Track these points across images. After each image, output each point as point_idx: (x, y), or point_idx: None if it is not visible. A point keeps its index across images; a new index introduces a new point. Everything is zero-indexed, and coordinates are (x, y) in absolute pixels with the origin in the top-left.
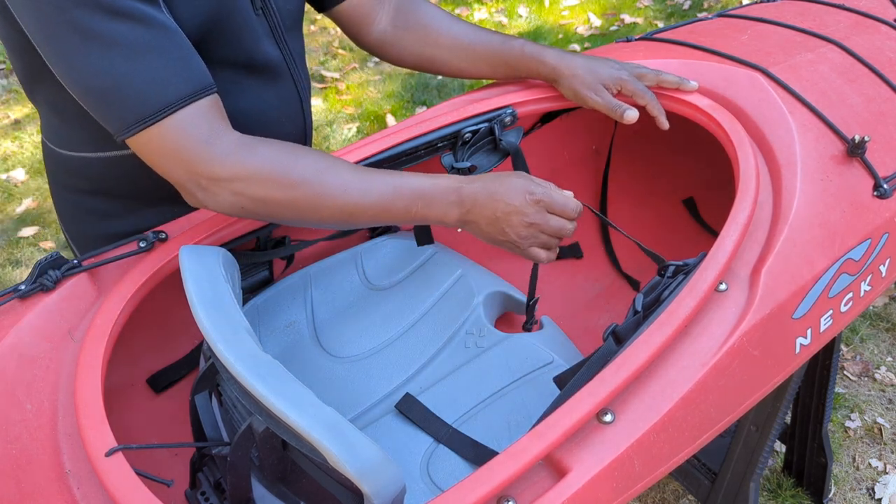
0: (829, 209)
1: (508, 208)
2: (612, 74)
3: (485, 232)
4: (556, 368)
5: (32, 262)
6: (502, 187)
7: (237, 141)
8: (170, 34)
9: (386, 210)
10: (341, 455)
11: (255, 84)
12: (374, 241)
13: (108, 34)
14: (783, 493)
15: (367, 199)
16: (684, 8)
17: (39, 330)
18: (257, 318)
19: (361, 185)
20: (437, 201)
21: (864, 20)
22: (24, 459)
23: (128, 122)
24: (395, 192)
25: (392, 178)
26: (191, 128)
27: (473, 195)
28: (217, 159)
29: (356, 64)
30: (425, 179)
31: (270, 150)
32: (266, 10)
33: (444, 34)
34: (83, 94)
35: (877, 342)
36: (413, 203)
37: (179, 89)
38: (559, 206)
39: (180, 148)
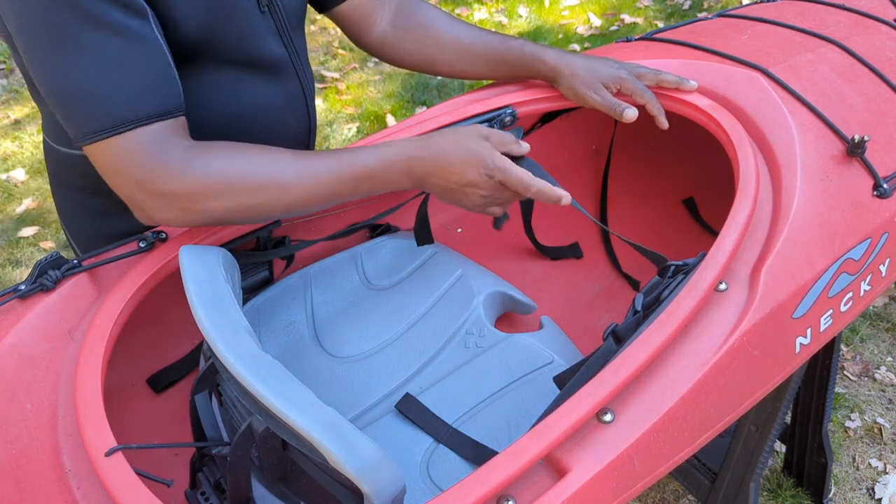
0: (829, 209)
1: (463, 181)
2: (611, 73)
3: (441, 196)
4: (556, 368)
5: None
6: (456, 157)
7: (182, 154)
8: (147, 50)
9: (335, 194)
10: (341, 455)
11: (259, 82)
12: (374, 241)
13: (82, 41)
14: (783, 493)
15: (312, 189)
16: (684, 8)
17: (39, 330)
18: (257, 318)
19: (306, 175)
20: (385, 177)
21: (864, 20)
22: (24, 459)
23: (85, 130)
24: (341, 174)
25: (337, 161)
26: (144, 147)
27: (424, 167)
28: (162, 179)
29: (356, 64)
30: (371, 154)
31: (212, 159)
32: (272, 7)
33: (444, 35)
34: (49, 94)
35: (877, 342)
36: (361, 182)
37: (141, 107)
38: (514, 182)
39: (130, 165)
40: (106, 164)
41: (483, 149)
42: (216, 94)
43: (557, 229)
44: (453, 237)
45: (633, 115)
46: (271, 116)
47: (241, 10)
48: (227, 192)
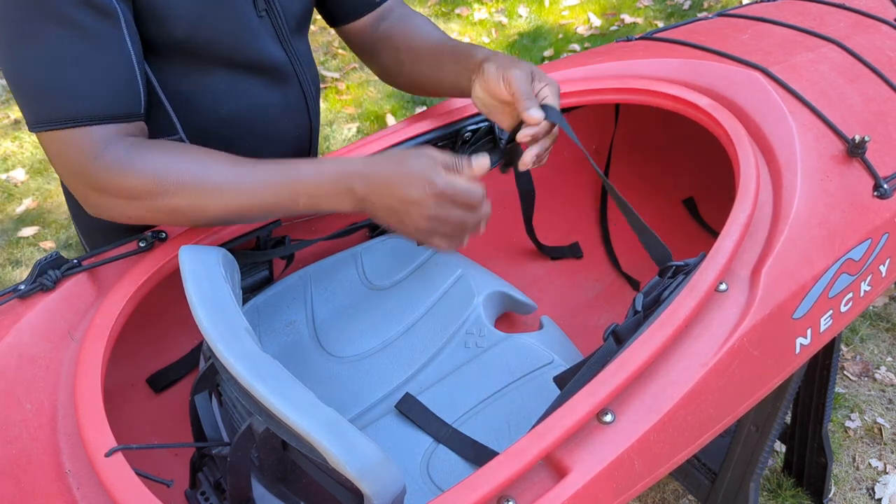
0: (829, 209)
1: (407, 198)
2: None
3: (382, 219)
4: (556, 368)
5: (32, 262)
6: (400, 175)
7: (122, 151)
8: (107, 52)
9: (272, 205)
10: (341, 455)
11: (256, 85)
12: (374, 240)
13: (43, 36)
14: (783, 493)
15: (249, 196)
16: (684, 8)
17: (39, 330)
18: (257, 318)
19: (243, 182)
20: (324, 192)
21: (864, 20)
22: (24, 459)
23: (34, 119)
24: (280, 185)
25: (277, 172)
26: (86, 144)
27: (367, 184)
28: (100, 176)
29: (356, 64)
30: (312, 167)
31: (151, 156)
32: (270, 11)
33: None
34: (8, 82)
35: (877, 342)
36: (299, 196)
37: (89, 107)
38: (462, 197)
39: (69, 159)
40: (50, 154)
41: (428, 167)
42: (209, 95)
43: (558, 229)
44: None
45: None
46: (267, 120)
47: (237, 13)
48: (161, 191)
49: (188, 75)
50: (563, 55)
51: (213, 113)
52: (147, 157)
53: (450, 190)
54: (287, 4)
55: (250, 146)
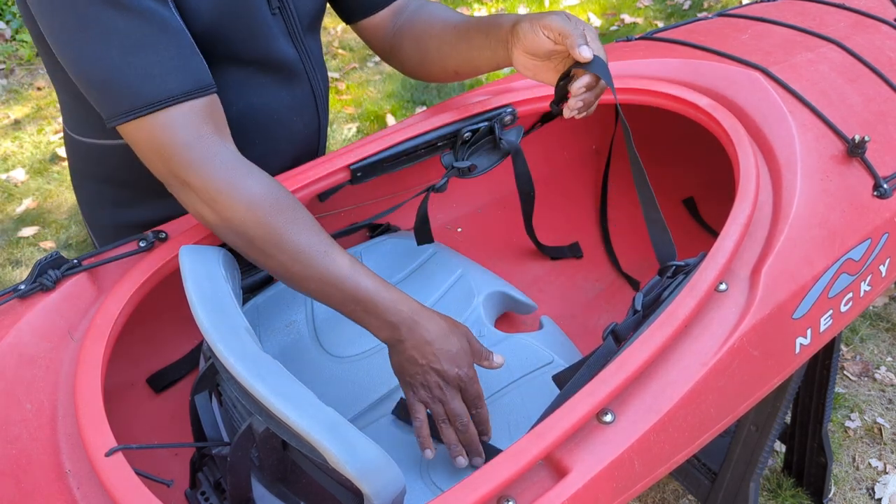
0: (829, 209)
1: (435, 364)
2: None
3: (396, 363)
4: (556, 368)
5: (32, 262)
6: (443, 343)
7: (217, 155)
8: (170, 31)
9: (324, 294)
10: (341, 455)
11: (269, 82)
12: (374, 240)
13: (106, 24)
14: (783, 493)
15: (313, 275)
16: (684, 8)
17: (39, 329)
18: (257, 318)
19: (316, 260)
20: (374, 315)
21: (864, 20)
22: (24, 459)
23: (117, 112)
24: (342, 282)
25: (348, 269)
26: (176, 127)
27: (411, 332)
28: (193, 167)
29: (356, 64)
30: (377, 286)
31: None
32: (283, 10)
33: (437, 24)
34: (79, 79)
35: (877, 342)
36: (351, 303)
37: (171, 86)
38: (472, 393)
39: (162, 145)
40: (138, 143)
41: (466, 351)
42: (223, 92)
43: (558, 229)
44: (453, 237)
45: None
46: (278, 116)
47: (253, 11)
48: (245, 217)
49: None
50: None
51: (226, 110)
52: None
53: (469, 382)
54: (300, 3)
55: (260, 143)
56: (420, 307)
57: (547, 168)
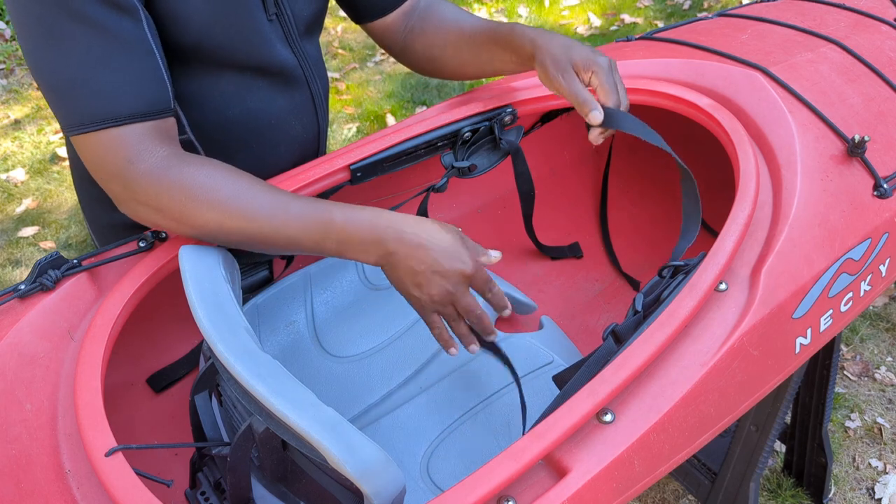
0: (829, 209)
1: (436, 267)
2: (586, 56)
3: (396, 279)
4: (556, 368)
5: (32, 262)
6: (436, 243)
7: (157, 161)
8: (134, 50)
9: (299, 241)
10: (341, 455)
11: (266, 87)
12: None
13: (69, 37)
14: (783, 493)
15: (278, 228)
16: (684, 8)
17: (39, 329)
18: (257, 318)
19: (275, 212)
20: (355, 240)
21: (864, 20)
22: (23, 459)
23: (70, 122)
24: (311, 223)
25: (311, 208)
26: (123, 144)
27: (400, 241)
28: (136, 183)
29: (356, 64)
30: (346, 212)
31: (187, 171)
32: (280, 15)
33: (452, 28)
34: (40, 85)
35: (877, 342)
36: (327, 238)
37: (123, 106)
38: (480, 284)
39: (107, 160)
40: (86, 156)
41: (461, 246)
42: (218, 97)
43: (558, 229)
44: None
45: (597, 118)
46: (275, 122)
47: (248, 17)
48: (193, 207)
49: (198, 77)
50: None
51: (222, 114)
52: (184, 172)
53: (475, 272)
54: (297, 8)
55: (258, 147)
56: (400, 216)
57: (547, 168)
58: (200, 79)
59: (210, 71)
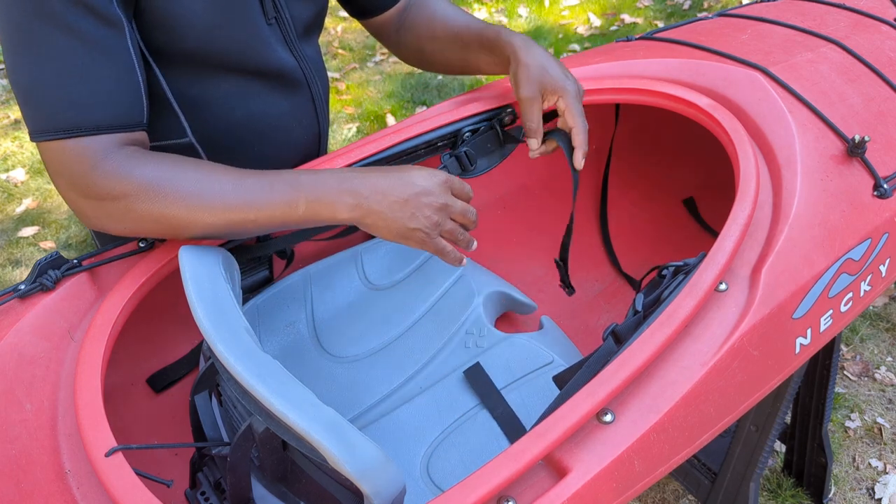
0: (829, 209)
1: (417, 188)
2: (557, 80)
3: (389, 220)
4: (556, 368)
5: (32, 262)
6: (403, 171)
7: (121, 159)
8: (112, 63)
9: (270, 213)
10: (341, 455)
11: (267, 90)
12: (374, 240)
13: (47, 43)
14: (783, 493)
15: (247, 204)
16: (684, 8)
17: (39, 330)
18: (257, 318)
19: (242, 190)
20: (326, 197)
21: (864, 20)
22: (23, 459)
23: (36, 128)
24: (279, 191)
25: (276, 177)
26: (87, 155)
27: (371, 187)
28: (97, 184)
29: (356, 64)
30: (312, 174)
31: (149, 163)
32: (279, 19)
33: (439, 25)
34: (13, 88)
35: (877, 342)
36: (298, 201)
37: (92, 117)
38: (458, 188)
39: (69, 169)
40: (51, 162)
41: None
42: (219, 100)
43: (558, 230)
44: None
45: (533, 149)
46: (277, 124)
47: (247, 22)
48: (157, 196)
49: (199, 81)
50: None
51: (223, 117)
52: (145, 164)
53: (449, 179)
54: (296, 11)
55: (259, 150)
56: (363, 168)
57: (547, 168)
58: (202, 83)
59: (211, 75)
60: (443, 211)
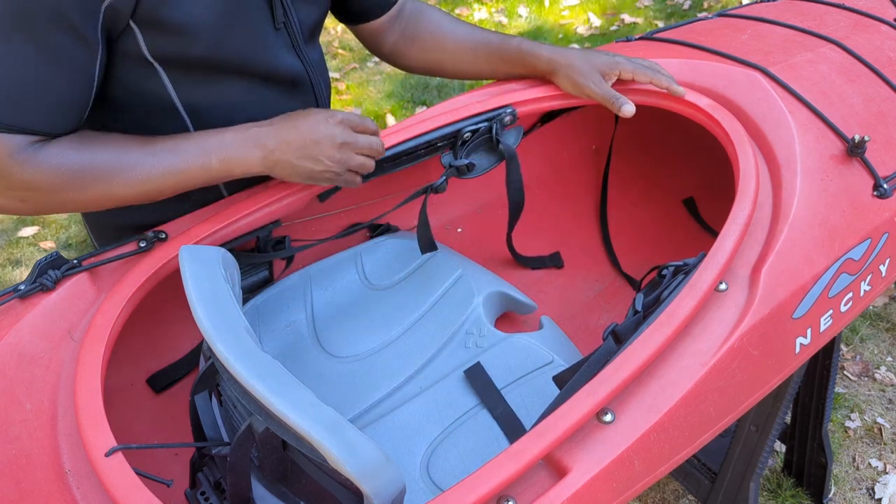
0: (829, 209)
1: (317, 133)
2: (606, 60)
3: (296, 166)
4: (556, 368)
5: (32, 262)
6: (302, 118)
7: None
8: (75, 80)
9: (186, 177)
10: (341, 455)
11: (274, 94)
12: (374, 240)
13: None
14: (783, 493)
15: (161, 167)
16: (684, 8)
17: (39, 329)
18: (257, 318)
19: (155, 162)
20: (235, 148)
21: (863, 20)
22: (23, 459)
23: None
24: (190, 149)
25: (186, 137)
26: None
27: (276, 134)
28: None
29: (356, 64)
30: (220, 131)
31: (58, 149)
32: (287, 24)
33: (448, 38)
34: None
35: (877, 342)
36: (210, 156)
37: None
38: (358, 123)
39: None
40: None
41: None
42: (226, 105)
43: (558, 230)
44: (453, 237)
45: (630, 111)
46: None
47: (255, 28)
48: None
49: (205, 86)
50: None
51: (229, 121)
52: (54, 151)
53: (348, 118)
54: (302, 15)
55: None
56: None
57: (547, 168)
58: (210, 88)
59: (219, 80)
60: (345, 148)
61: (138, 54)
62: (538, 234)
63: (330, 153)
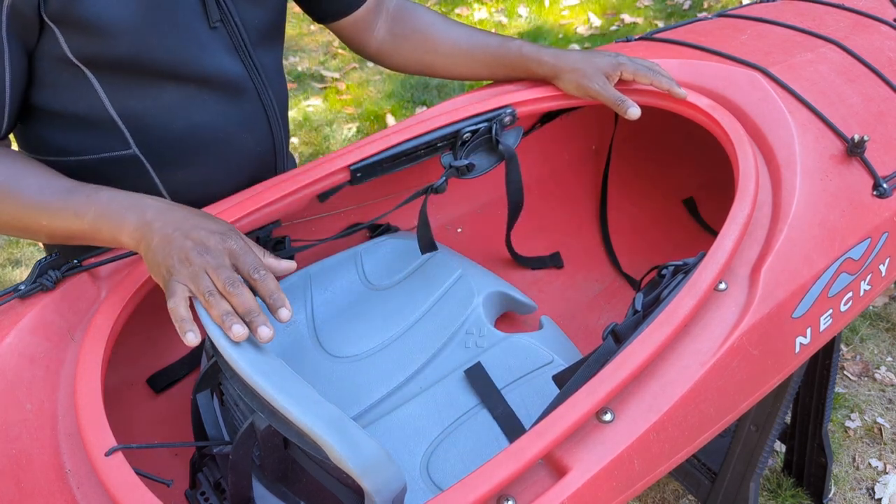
0: (829, 208)
1: (193, 233)
2: (609, 62)
3: (153, 250)
4: (555, 368)
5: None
6: (203, 215)
7: None
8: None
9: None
10: (343, 451)
11: (212, 99)
12: (374, 240)
13: None
14: (783, 493)
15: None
16: (684, 8)
17: (39, 330)
18: None
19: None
20: (114, 210)
21: (863, 20)
22: (24, 459)
23: None
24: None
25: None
26: None
27: (160, 212)
28: None
29: (356, 64)
30: (114, 191)
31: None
32: (226, 23)
33: (441, 39)
34: None
35: (877, 342)
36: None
37: None
38: (249, 265)
39: None
40: None
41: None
42: (161, 111)
43: (558, 229)
44: (453, 237)
45: (636, 114)
46: (223, 136)
47: (184, 27)
48: None
49: (138, 90)
50: None
51: (167, 128)
52: None
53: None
54: (247, 15)
55: (207, 162)
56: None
57: (547, 168)
58: (142, 92)
59: (151, 84)
60: (202, 267)
61: (62, 56)
62: (538, 235)
63: (185, 255)
